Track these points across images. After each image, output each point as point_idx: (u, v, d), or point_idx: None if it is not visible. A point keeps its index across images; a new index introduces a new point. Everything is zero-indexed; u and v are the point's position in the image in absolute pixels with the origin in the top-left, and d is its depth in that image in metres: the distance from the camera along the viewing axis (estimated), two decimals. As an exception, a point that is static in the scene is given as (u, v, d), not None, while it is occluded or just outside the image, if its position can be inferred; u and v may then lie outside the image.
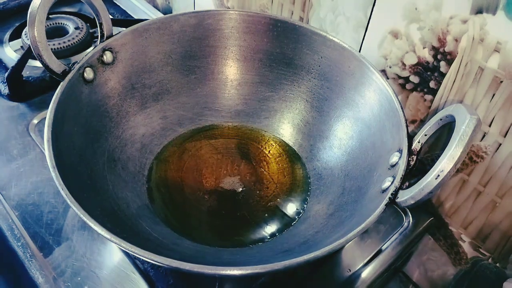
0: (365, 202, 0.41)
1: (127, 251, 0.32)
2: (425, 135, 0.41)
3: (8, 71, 0.61)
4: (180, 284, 0.44)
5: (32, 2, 0.42)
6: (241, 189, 0.51)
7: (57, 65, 0.44)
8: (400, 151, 0.40)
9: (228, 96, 0.58)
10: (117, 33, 0.49)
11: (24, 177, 0.53)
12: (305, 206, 0.49)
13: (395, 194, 0.37)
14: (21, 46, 0.69)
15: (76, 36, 0.68)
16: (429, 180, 0.34)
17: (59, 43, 0.66)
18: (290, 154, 0.55)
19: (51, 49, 0.65)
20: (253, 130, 0.57)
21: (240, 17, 0.54)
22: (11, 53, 0.68)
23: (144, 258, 0.32)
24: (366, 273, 0.48)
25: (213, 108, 0.58)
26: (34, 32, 0.42)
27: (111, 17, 0.79)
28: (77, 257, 0.46)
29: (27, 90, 0.62)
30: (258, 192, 0.51)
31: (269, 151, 0.55)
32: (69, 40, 0.67)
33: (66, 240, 0.47)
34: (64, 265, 0.45)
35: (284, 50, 0.54)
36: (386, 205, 0.36)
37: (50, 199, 0.51)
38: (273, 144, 0.56)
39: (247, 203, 0.50)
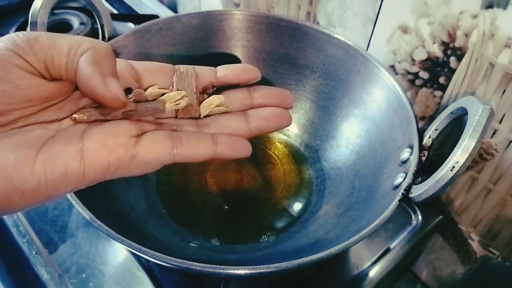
0: (377, 200, 0.40)
1: (136, 252, 0.32)
2: (436, 129, 0.40)
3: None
4: (185, 281, 0.44)
5: (33, 4, 0.42)
6: (247, 191, 0.51)
7: None
8: (411, 147, 0.39)
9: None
10: (119, 35, 0.48)
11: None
12: (313, 207, 0.49)
13: (408, 189, 0.36)
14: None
15: (81, 31, 0.68)
16: (444, 173, 0.33)
17: (64, 39, 0.66)
18: (296, 155, 0.54)
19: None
20: (258, 132, 0.57)
21: (243, 17, 0.53)
22: (16, 49, 0.68)
23: (153, 260, 0.31)
24: (374, 272, 0.47)
25: (216, 110, 0.57)
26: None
27: (116, 12, 0.79)
28: (82, 254, 0.46)
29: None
30: (265, 193, 0.50)
31: (275, 152, 0.55)
32: (74, 36, 0.67)
33: (71, 236, 0.47)
34: (69, 262, 0.45)
35: (287, 50, 0.54)
36: (399, 200, 0.35)
37: (55, 195, 0.50)
38: (279, 145, 0.55)
39: (254, 205, 0.50)
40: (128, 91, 0.29)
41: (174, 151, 0.26)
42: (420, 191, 0.35)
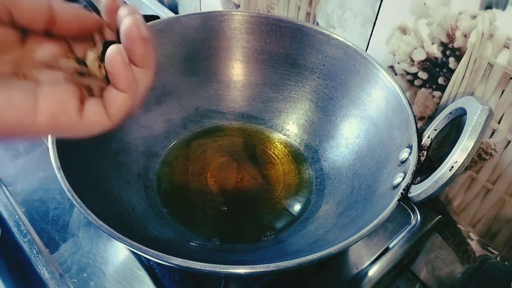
0: (376, 200, 0.41)
1: (136, 251, 0.32)
2: (435, 129, 0.40)
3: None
4: (186, 281, 0.44)
5: None
6: (247, 191, 0.51)
7: None
8: (410, 147, 0.39)
9: (232, 97, 0.57)
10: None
11: (31, 173, 0.53)
12: (313, 206, 0.49)
13: (407, 189, 0.36)
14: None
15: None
16: (443, 172, 0.34)
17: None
18: (296, 155, 0.54)
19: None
20: (258, 132, 0.57)
21: (243, 18, 0.53)
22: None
23: (154, 259, 0.32)
24: (373, 271, 0.47)
25: (217, 110, 0.57)
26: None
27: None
28: (83, 253, 0.46)
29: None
30: (264, 193, 0.51)
31: (274, 152, 0.55)
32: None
33: (72, 236, 0.47)
34: (70, 261, 0.45)
35: (287, 50, 0.54)
36: (398, 200, 0.36)
37: (56, 195, 0.51)
38: (279, 145, 0.56)
39: (254, 204, 0.50)
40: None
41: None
42: (419, 190, 0.35)
